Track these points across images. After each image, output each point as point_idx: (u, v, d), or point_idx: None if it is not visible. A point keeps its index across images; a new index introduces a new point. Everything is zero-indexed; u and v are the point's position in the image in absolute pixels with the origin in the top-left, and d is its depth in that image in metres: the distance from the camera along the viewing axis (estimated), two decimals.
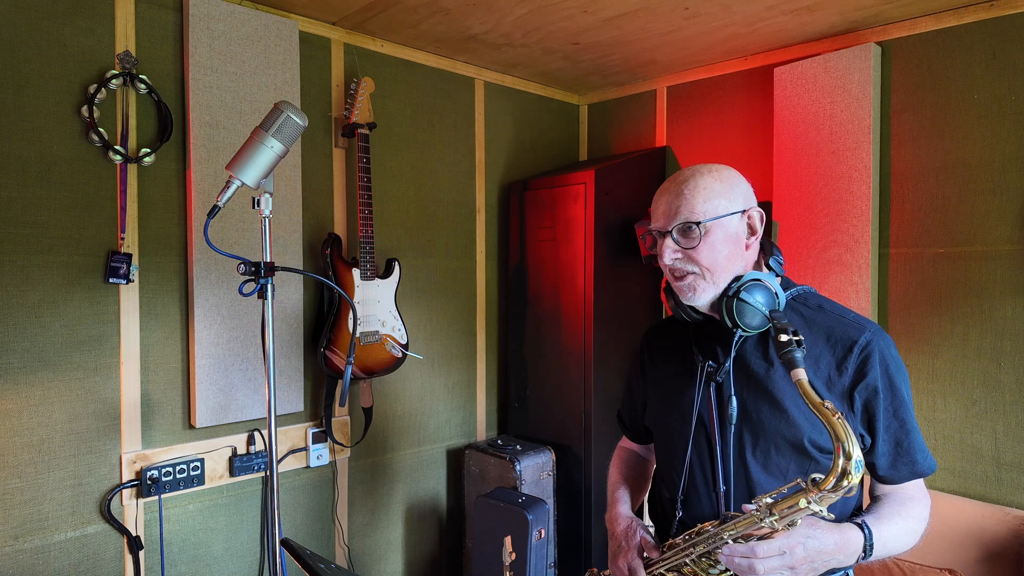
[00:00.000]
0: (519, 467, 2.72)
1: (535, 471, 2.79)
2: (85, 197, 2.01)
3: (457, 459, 3.02)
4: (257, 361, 2.29)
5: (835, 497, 1.03)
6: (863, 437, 1.23)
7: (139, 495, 2.10)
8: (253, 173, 1.58)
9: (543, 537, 2.49)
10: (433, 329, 2.93)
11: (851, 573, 1.31)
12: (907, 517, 1.23)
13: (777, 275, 1.30)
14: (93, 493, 2.04)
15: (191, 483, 2.20)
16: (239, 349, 2.25)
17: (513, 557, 2.41)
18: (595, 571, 1.49)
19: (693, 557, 1.17)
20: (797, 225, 2.58)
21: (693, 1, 2.29)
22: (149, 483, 2.10)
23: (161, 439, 2.17)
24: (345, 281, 2.44)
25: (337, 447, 2.59)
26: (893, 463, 1.23)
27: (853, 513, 1.26)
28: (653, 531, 1.42)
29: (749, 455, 1.25)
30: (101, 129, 2.01)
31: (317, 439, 2.51)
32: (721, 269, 1.24)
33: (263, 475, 2.38)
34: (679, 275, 1.27)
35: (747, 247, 1.28)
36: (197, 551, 2.25)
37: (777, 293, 1.22)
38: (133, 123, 2.09)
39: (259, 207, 1.62)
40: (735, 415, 1.26)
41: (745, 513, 1.12)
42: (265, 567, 2.39)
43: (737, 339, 1.27)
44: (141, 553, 2.11)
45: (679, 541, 1.20)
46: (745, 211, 1.26)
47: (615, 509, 1.45)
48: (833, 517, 1.09)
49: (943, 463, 2.36)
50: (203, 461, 2.23)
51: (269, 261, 1.64)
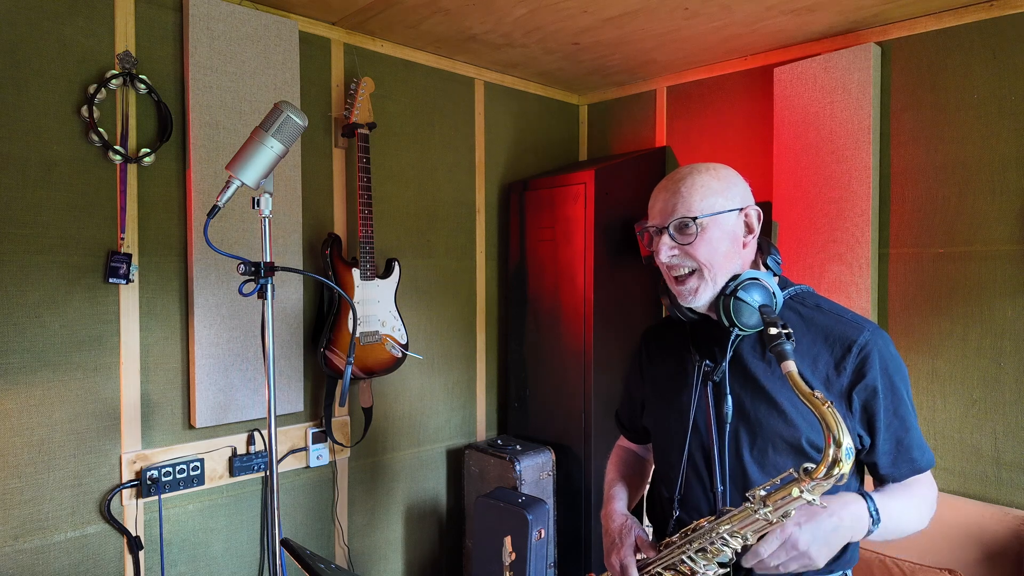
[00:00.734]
0: (519, 467, 2.72)
1: (535, 471, 2.80)
2: (85, 197, 2.02)
3: (457, 459, 3.02)
4: (257, 361, 2.29)
5: (827, 485, 1.04)
6: (861, 437, 1.23)
7: (139, 495, 2.10)
8: (253, 173, 1.58)
9: (543, 537, 2.49)
10: (433, 329, 2.93)
11: (849, 573, 1.31)
12: (913, 496, 1.24)
13: (775, 274, 1.30)
14: (93, 493, 2.04)
15: (191, 483, 2.20)
16: (239, 349, 2.26)
17: (513, 557, 2.42)
18: None
19: (690, 554, 1.17)
20: (797, 225, 2.58)
21: (693, 1, 2.29)
22: (149, 483, 2.10)
23: (161, 439, 2.17)
24: (345, 281, 2.44)
25: (337, 447, 2.59)
26: (894, 461, 1.23)
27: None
28: (651, 531, 1.42)
29: (746, 454, 1.25)
30: (101, 129, 2.01)
31: (317, 439, 2.52)
32: (718, 266, 1.24)
33: (263, 475, 2.38)
34: (677, 276, 1.27)
35: (744, 245, 1.28)
36: (197, 551, 2.25)
37: (775, 292, 1.22)
38: (133, 123, 2.09)
39: (259, 207, 1.63)
40: (731, 414, 1.26)
41: (740, 507, 1.13)
42: (265, 567, 2.39)
43: (734, 338, 1.27)
44: (141, 553, 2.11)
45: (675, 539, 1.21)
46: (742, 209, 1.27)
47: (610, 506, 1.45)
48: (826, 506, 1.09)
49: (943, 463, 2.36)
50: (203, 461, 2.23)
51: (269, 261, 1.64)
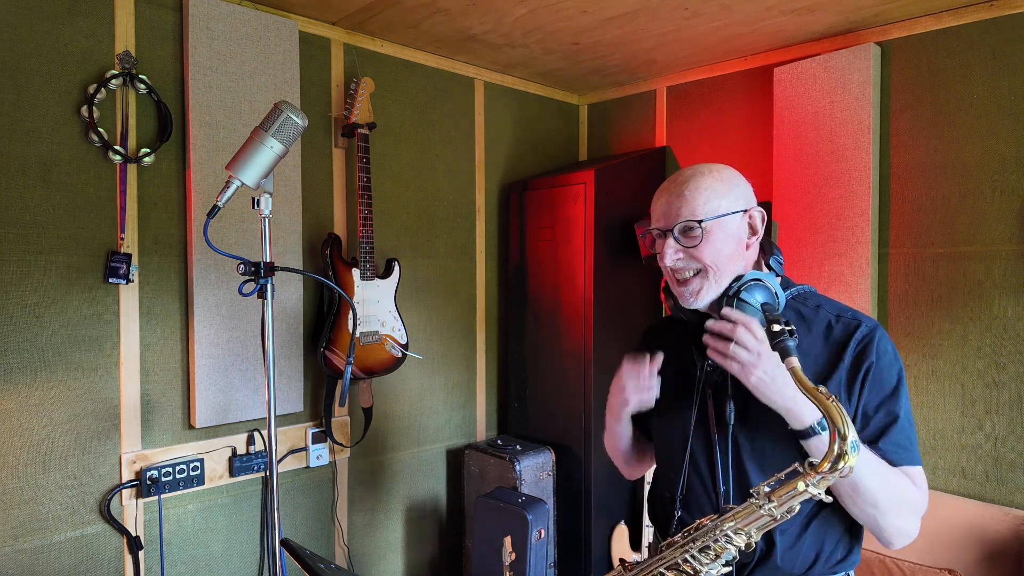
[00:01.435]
0: (519, 467, 2.72)
1: (535, 471, 2.79)
2: (85, 197, 2.01)
3: (457, 459, 3.02)
4: (257, 361, 2.29)
5: (832, 479, 1.04)
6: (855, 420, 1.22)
7: (139, 495, 2.10)
8: (253, 173, 1.58)
9: (543, 537, 2.49)
10: (433, 329, 2.93)
11: (851, 574, 1.31)
12: (896, 474, 1.19)
13: (777, 275, 1.31)
14: (93, 493, 2.04)
15: (191, 483, 2.20)
16: (239, 349, 2.25)
17: (513, 557, 2.41)
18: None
19: (693, 552, 1.17)
20: (797, 225, 2.58)
21: (693, 1, 2.29)
22: (149, 483, 2.10)
23: (161, 439, 2.17)
24: (345, 281, 2.44)
25: (337, 447, 2.59)
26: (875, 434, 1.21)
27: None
28: (653, 531, 1.41)
29: (748, 455, 1.25)
30: (101, 129, 2.01)
31: (317, 439, 2.51)
32: (723, 268, 1.25)
33: (263, 475, 2.38)
34: (681, 278, 1.27)
35: (748, 247, 1.28)
36: (197, 551, 2.25)
37: (777, 293, 1.22)
38: (133, 123, 2.09)
39: (259, 207, 1.62)
40: (733, 415, 1.26)
41: (744, 504, 1.13)
42: (265, 567, 2.39)
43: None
44: (141, 553, 2.11)
45: (678, 538, 1.20)
46: (746, 211, 1.27)
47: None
48: (831, 500, 1.09)
49: (943, 463, 2.36)
50: (203, 461, 2.23)
51: (269, 261, 1.64)
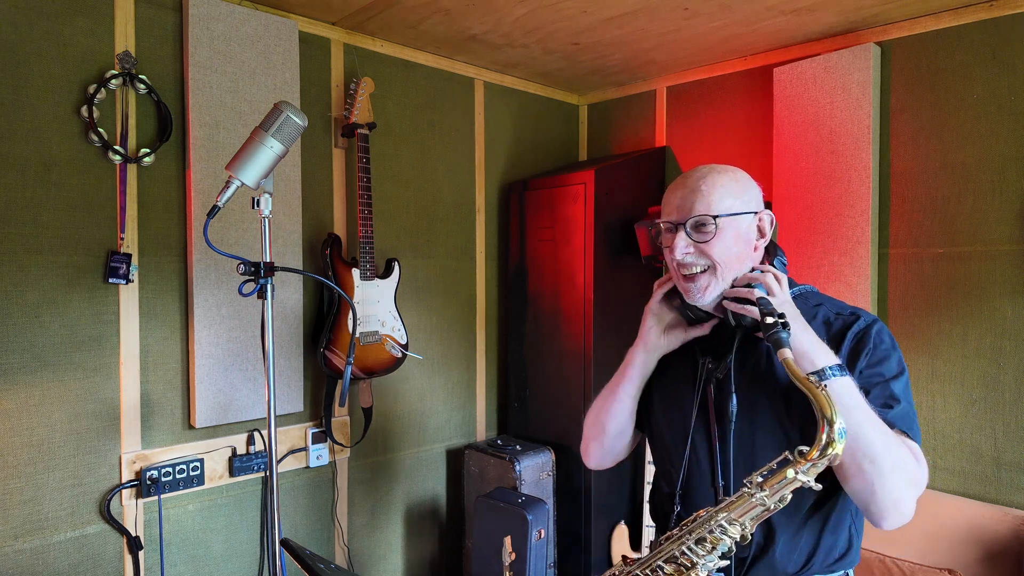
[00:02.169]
0: (519, 467, 2.72)
1: (535, 471, 2.79)
2: (85, 197, 2.01)
3: (457, 459, 3.02)
4: (257, 361, 2.29)
5: (822, 466, 1.05)
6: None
7: (139, 495, 2.10)
8: (253, 173, 1.58)
9: (543, 537, 2.49)
10: (433, 329, 2.93)
11: (851, 573, 1.31)
12: (896, 436, 1.15)
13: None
14: (93, 493, 2.04)
15: (191, 483, 2.20)
16: (239, 349, 2.25)
17: (513, 557, 2.42)
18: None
19: (689, 544, 1.17)
20: (797, 225, 2.58)
21: (693, 1, 2.29)
22: (149, 483, 2.10)
23: (161, 439, 2.17)
24: (345, 281, 2.44)
25: (337, 447, 2.59)
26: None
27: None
28: (654, 530, 1.42)
29: (747, 451, 1.25)
30: (101, 129, 2.01)
31: (317, 439, 2.51)
32: (730, 266, 1.26)
33: (263, 475, 2.38)
34: (688, 273, 1.27)
35: (755, 249, 1.30)
36: (197, 551, 2.25)
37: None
38: (133, 123, 2.09)
39: (259, 207, 1.62)
40: (735, 412, 1.27)
41: (737, 494, 1.13)
42: (265, 567, 2.39)
43: (740, 337, 1.28)
44: (141, 553, 2.11)
45: (676, 532, 1.21)
46: (757, 213, 1.29)
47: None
48: (821, 487, 1.09)
49: (943, 463, 2.36)
50: (203, 461, 2.23)
51: (269, 261, 1.64)
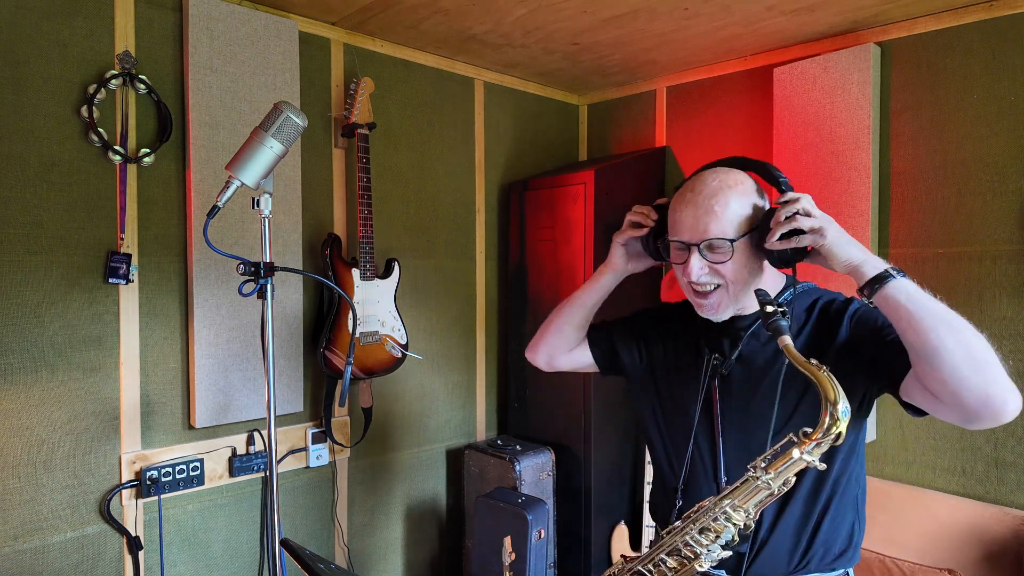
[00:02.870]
0: (519, 467, 2.72)
1: (535, 471, 2.79)
2: (84, 197, 2.01)
3: (457, 459, 3.02)
4: (257, 361, 2.28)
5: (825, 446, 1.05)
6: (874, 377, 1.19)
7: (139, 495, 2.10)
8: (253, 173, 1.58)
9: (543, 537, 2.49)
10: (433, 329, 2.93)
11: (851, 572, 1.31)
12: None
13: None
14: (92, 493, 2.04)
15: (191, 483, 2.20)
16: (239, 349, 2.25)
17: (513, 557, 2.41)
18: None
19: (693, 535, 1.17)
20: None
21: (693, 1, 2.29)
22: (149, 483, 2.10)
23: (161, 439, 2.17)
24: (345, 281, 2.43)
25: (337, 447, 2.59)
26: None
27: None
28: (655, 529, 1.42)
29: (751, 446, 1.25)
30: (101, 129, 2.01)
31: (317, 439, 2.51)
32: (742, 283, 1.26)
33: (263, 475, 2.38)
34: (701, 291, 1.27)
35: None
36: (197, 551, 2.25)
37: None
38: (133, 123, 2.09)
39: (259, 207, 1.62)
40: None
41: (742, 478, 1.14)
42: (265, 567, 2.39)
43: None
44: (141, 553, 2.11)
45: (678, 524, 1.21)
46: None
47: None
48: (825, 467, 1.09)
49: (943, 463, 2.36)
50: (203, 461, 2.23)
51: (269, 261, 1.64)
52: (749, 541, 1.25)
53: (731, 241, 1.22)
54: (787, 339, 1.09)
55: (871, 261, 1.13)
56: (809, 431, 1.06)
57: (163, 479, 2.13)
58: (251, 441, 2.35)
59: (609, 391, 2.88)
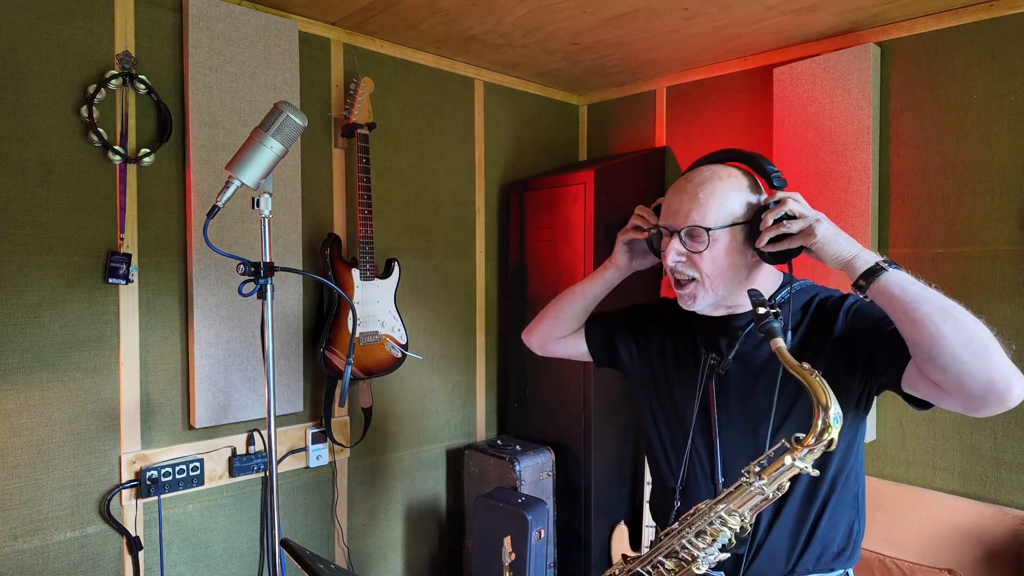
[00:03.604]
0: (519, 467, 2.72)
1: (535, 471, 2.79)
2: (84, 197, 2.01)
3: (457, 459, 3.02)
4: (257, 361, 2.28)
5: (818, 452, 1.05)
6: (872, 376, 1.18)
7: (138, 495, 2.10)
8: (252, 173, 1.58)
9: (543, 537, 2.49)
10: (433, 329, 2.93)
11: (851, 572, 1.31)
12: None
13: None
14: (92, 493, 2.04)
15: (191, 483, 2.20)
16: (239, 349, 2.25)
17: (513, 557, 2.42)
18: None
19: (689, 538, 1.17)
20: None
21: (693, 1, 2.29)
22: (148, 483, 2.10)
23: (160, 439, 2.17)
24: (344, 281, 2.43)
25: (337, 447, 2.59)
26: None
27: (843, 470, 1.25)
28: (655, 529, 1.42)
29: (748, 446, 1.25)
30: (100, 129, 2.01)
31: (317, 439, 2.51)
32: (721, 278, 1.25)
33: (263, 475, 2.38)
34: (680, 280, 1.28)
35: (753, 256, 1.28)
36: (197, 551, 2.25)
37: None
38: (133, 123, 2.09)
39: (259, 207, 1.62)
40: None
41: (736, 484, 1.13)
42: (265, 567, 2.39)
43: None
44: (140, 553, 2.11)
45: (675, 526, 1.21)
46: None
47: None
48: (818, 473, 1.09)
49: (943, 463, 2.36)
50: (202, 461, 2.23)
51: (268, 261, 1.64)
52: (747, 543, 1.25)
53: (707, 229, 1.22)
54: (780, 342, 1.09)
55: (863, 255, 1.13)
56: (801, 437, 1.06)
57: (163, 479, 2.13)
58: (251, 441, 2.35)
59: (609, 391, 2.88)
